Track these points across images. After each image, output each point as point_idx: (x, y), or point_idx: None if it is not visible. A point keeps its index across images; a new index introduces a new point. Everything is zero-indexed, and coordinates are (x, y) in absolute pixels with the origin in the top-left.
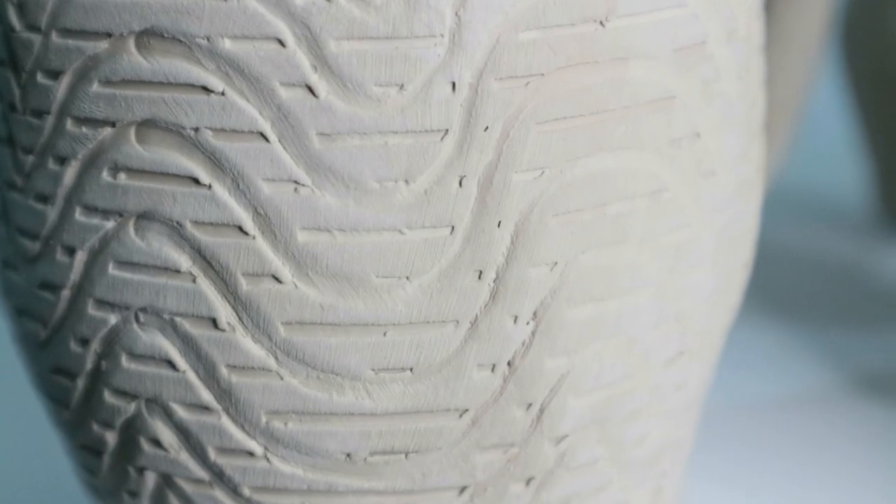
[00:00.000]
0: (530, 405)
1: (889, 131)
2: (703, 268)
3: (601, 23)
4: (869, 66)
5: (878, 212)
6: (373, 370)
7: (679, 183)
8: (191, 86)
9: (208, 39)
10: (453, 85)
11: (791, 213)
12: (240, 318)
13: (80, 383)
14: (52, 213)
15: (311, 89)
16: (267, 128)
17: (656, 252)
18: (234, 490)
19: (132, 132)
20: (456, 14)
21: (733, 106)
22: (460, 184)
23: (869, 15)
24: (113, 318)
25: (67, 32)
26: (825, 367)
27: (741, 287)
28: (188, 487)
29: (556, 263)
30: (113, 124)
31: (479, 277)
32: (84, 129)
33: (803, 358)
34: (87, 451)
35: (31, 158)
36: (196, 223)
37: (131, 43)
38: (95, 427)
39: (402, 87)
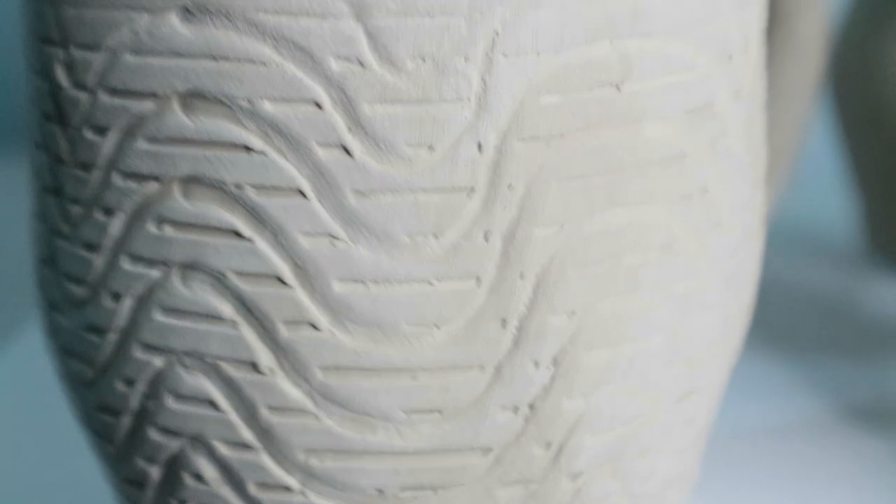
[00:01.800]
0: (549, 444)
1: (876, 173)
2: (710, 312)
3: (617, 87)
4: (858, 109)
5: (866, 248)
6: (403, 412)
7: (688, 234)
8: (233, 144)
9: (249, 101)
10: (479, 145)
11: (785, 249)
12: (279, 363)
13: (126, 421)
14: (99, 261)
15: (346, 149)
16: (305, 185)
17: (667, 299)
18: None
19: (177, 187)
20: (482, 79)
21: (739, 160)
22: (486, 238)
23: (859, 60)
24: (158, 361)
25: (114, 92)
26: (818, 397)
27: (744, 328)
28: None
29: (574, 312)
30: (158, 179)
31: (503, 325)
32: (130, 183)
33: (797, 388)
34: (130, 484)
35: (78, 209)
36: (238, 273)
37: (176, 103)
38: (139, 462)
39: (431, 147)
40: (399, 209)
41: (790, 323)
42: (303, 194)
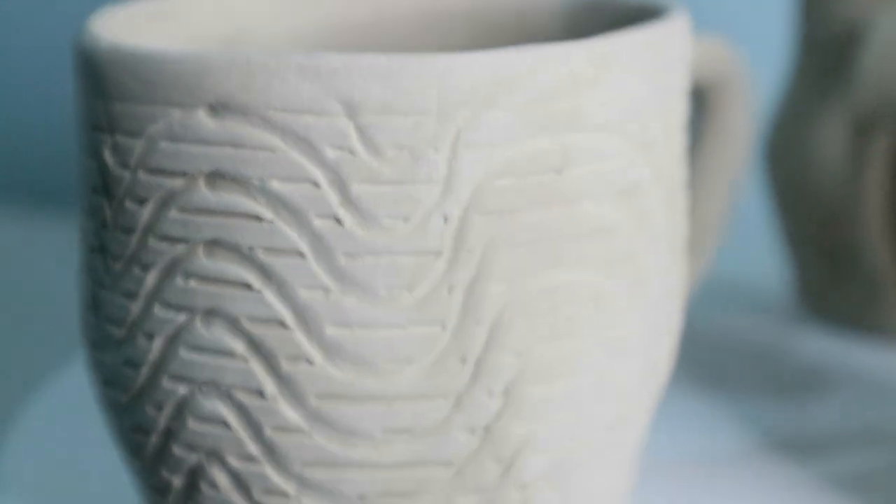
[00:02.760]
0: (500, 460)
1: (804, 242)
2: (634, 357)
3: (558, 172)
4: (790, 185)
5: (795, 303)
6: (381, 432)
7: (616, 292)
8: (247, 215)
9: (261, 180)
10: (445, 218)
11: (719, 302)
12: (281, 391)
13: (154, 439)
14: (135, 307)
15: (338, 220)
16: (305, 248)
17: (598, 344)
18: None
19: (201, 248)
20: (448, 165)
21: (661, 232)
22: (449, 292)
23: (790, 141)
24: (182, 390)
25: (152, 171)
26: (745, 431)
27: (667, 370)
28: None
29: (521, 353)
30: (186, 241)
31: (463, 363)
32: (163, 245)
33: (725, 423)
34: (156, 492)
35: (119, 265)
36: (249, 319)
37: (201, 181)
38: (165, 473)
39: (406, 219)
40: (380, 268)
41: (723, 367)
42: (303, 255)
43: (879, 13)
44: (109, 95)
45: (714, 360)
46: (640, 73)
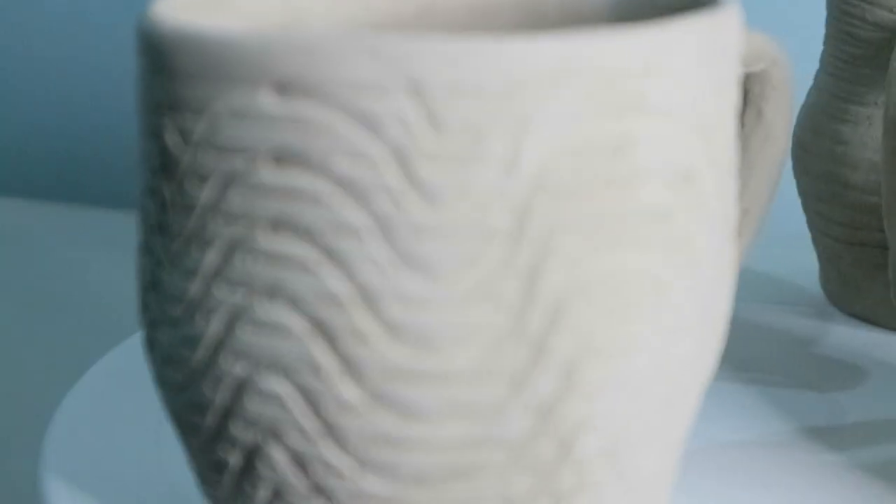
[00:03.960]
0: (557, 441)
1: (831, 238)
2: (688, 339)
3: (619, 156)
4: (818, 183)
5: (825, 295)
6: (439, 411)
7: (673, 275)
8: (309, 194)
9: (324, 159)
10: (507, 199)
11: (751, 293)
12: (340, 370)
13: (211, 418)
14: (194, 286)
15: (400, 200)
16: (366, 227)
17: (655, 326)
18: (330, 501)
19: (263, 228)
20: (512, 147)
21: (714, 217)
22: (510, 273)
23: (819, 138)
24: (240, 369)
25: (214, 149)
26: (780, 419)
27: (716, 353)
28: (294, 500)
29: (579, 334)
30: (248, 220)
31: (522, 343)
32: (224, 224)
33: (763, 410)
34: (212, 470)
35: (178, 244)
36: (310, 298)
37: (264, 160)
38: (221, 453)
39: (469, 199)
40: (442, 248)
41: (759, 355)
42: (364, 234)
43: None
44: (173, 75)
45: (748, 350)
46: (699, 60)
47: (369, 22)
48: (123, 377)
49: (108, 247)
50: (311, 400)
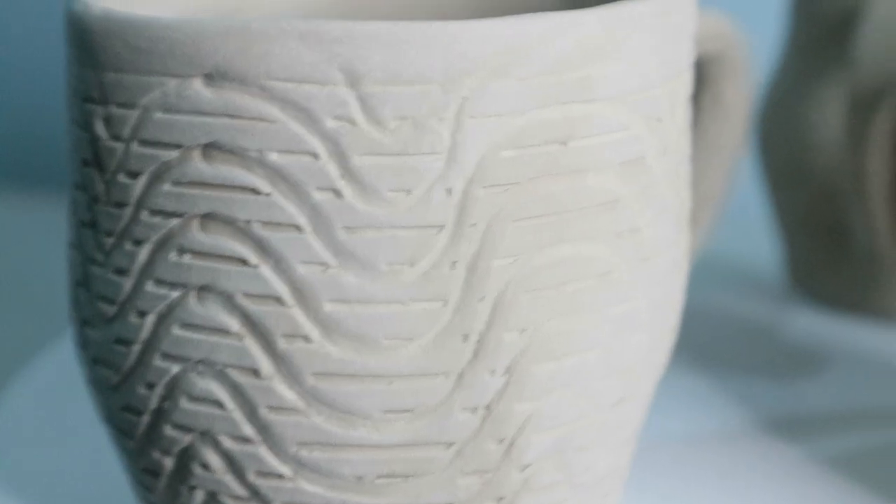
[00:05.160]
0: (502, 440)
1: (796, 220)
2: (640, 332)
3: (563, 144)
4: (783, 164)
5: (787, 282)
6: (380, 411)
7: (622, 266)
8: (244, 188)
9: (259, 152)
10: (449, 191)
11: (712, 280)
12: (277, 370)
13: (145, 419)
14: (127, 283)
15: (338, 193)
16: (303, 222)
17: (604, 320)
18: None
19: (196, 223)
20: (452, 137)
21: (665, 205)
22: (452, 267)
23: (783, 120)
24: (175, 368)
25: (146, 143)
26: (740, 410)
27: (670, 346)
28: (230, 502)
29: (524, 329)
30: (180, 216)
31: (465, 340)
32: (156, 219)
33: (721, 402)
34: (147, 473)
35: (111, 240)
36: (245, 295)
37: (197, 153)
38: (156, 454)
39: (409, 192)
40: (381, 243)
41: (718, 345)
42: (301, 229)
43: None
44: (102, 65)
45: (706, 339)
46: (650, 45)
47: (318, 7)
48: (56, 377)
49: (43, 234)
50: (247, 401)
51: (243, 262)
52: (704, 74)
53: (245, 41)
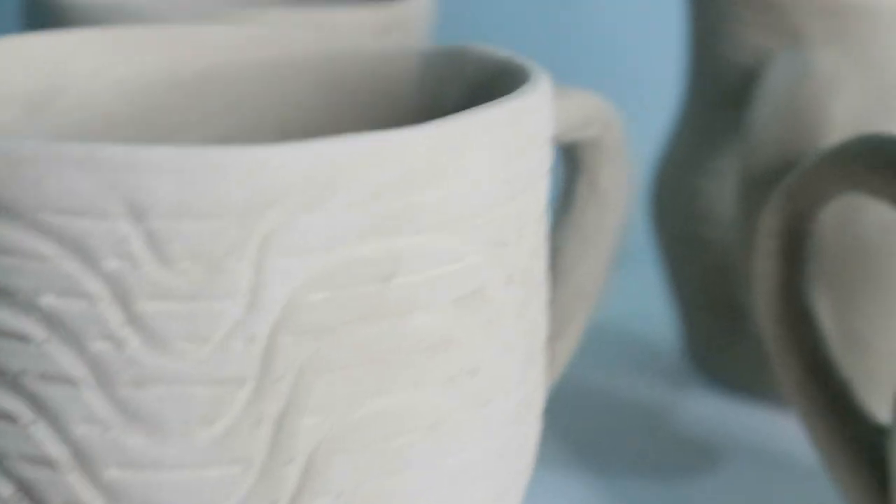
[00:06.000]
0: None
1: (692, 294)
2: (482, 482)
3: (386, 281)
4: (677, 237)
5: (685, 361)
6: None
7: (457, 414)
8: (14, 335)
9: (31, 295)
10: (251, 340)
11: (604, 359)
12: None
13: None
14: None
15: (121, 342)
16: (82, 375)
17: (437, 476)
18: None
19: None
20: (253, 278)
21: (511, 340)
22: (255, 426)
23: (677, 193)
24: None
25: None
26: None
27: (522, 489)
28: None
29: (340, 493)
30: None
31: None
32: None
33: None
34: None
35: None
36: (17, 458)
37: None
38: None
39: (204, 341)
40: (172, 399)
41: (601, 434)
42: (79, 383)
43: (773, 59)
44: None
45: (586, 429)
46: (491, 161)
47: (138, 93)
48: None
49: None
50: None
51: (13, 419)
52: (579, 160)
53: (13, 167)
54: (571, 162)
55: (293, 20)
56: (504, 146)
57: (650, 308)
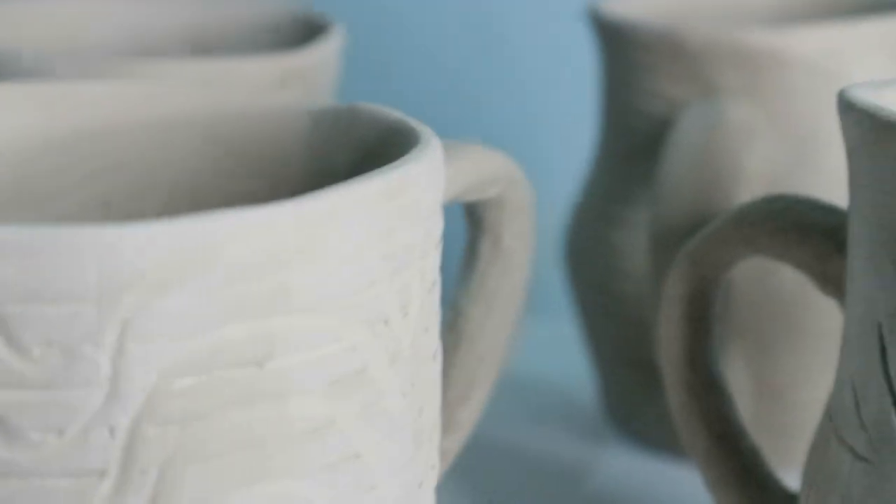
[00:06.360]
0: None
1: (607, 347)
2: None
3: (259, 365)
4: (590, 290)
5: (602, 416)
6: None
7: (336, 501)
8: None
9: None
10: (111, 431)
11: (518, 414)
12: None
13: None
14: None
15: None
16: None
17: None
18: None
19: None
20: (112, 365)
21: (396, 421)
22: None
23: (590, 246)
24: None
25: None
26: None
27: None
28: None
29: None
30: None
31: None
32: None
33: None
34: None
35: None
36: None
37: None
38: None
39: (60, 433)
40: (26, 495)
41: (515, 492)
42: None
43: (685, 109)
44: None
45: (510, 484)
46: (370, 235)
47: (14, 150)
48: None
49: None
50: None
51: None
52: (483, 220)
53: None
54: (475, 221)
55: (188, 71)
56: (382, 219)
57: (568, 362)
